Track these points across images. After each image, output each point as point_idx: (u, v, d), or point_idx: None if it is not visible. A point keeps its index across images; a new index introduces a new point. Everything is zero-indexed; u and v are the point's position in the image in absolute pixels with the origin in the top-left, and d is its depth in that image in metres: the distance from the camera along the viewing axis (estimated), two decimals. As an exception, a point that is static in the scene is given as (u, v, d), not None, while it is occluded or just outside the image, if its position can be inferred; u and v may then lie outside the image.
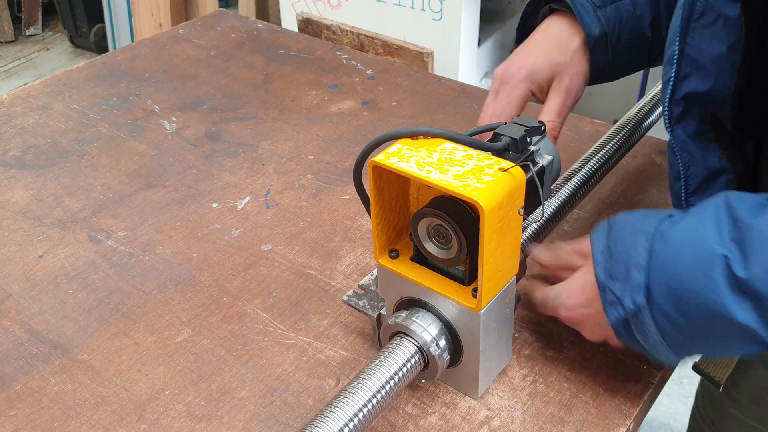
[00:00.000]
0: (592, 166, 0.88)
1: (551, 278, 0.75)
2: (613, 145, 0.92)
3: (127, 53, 1.46)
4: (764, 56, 0.67)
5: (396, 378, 0.65)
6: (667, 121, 0.71)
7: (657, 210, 0.64)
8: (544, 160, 0.69)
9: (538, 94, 0.83)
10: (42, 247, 0.94)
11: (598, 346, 0.78)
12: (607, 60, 0.83)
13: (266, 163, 1.11)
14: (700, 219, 0.58)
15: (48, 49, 3.84)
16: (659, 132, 0.96)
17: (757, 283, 0.53)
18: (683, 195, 0.73)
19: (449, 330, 0.68)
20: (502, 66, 0.82)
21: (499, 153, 0.66)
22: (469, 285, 0.66)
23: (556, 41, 0.82)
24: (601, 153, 0.90)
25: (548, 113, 0.81)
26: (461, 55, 1.86)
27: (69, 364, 0.78)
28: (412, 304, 0.69)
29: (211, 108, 1.26)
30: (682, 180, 0.73)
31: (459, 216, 0.62)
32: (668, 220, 0.60)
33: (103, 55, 1.47)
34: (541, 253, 0.76)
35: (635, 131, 0.96)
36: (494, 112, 0.81)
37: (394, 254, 0.70)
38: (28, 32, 3.94)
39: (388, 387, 0.64)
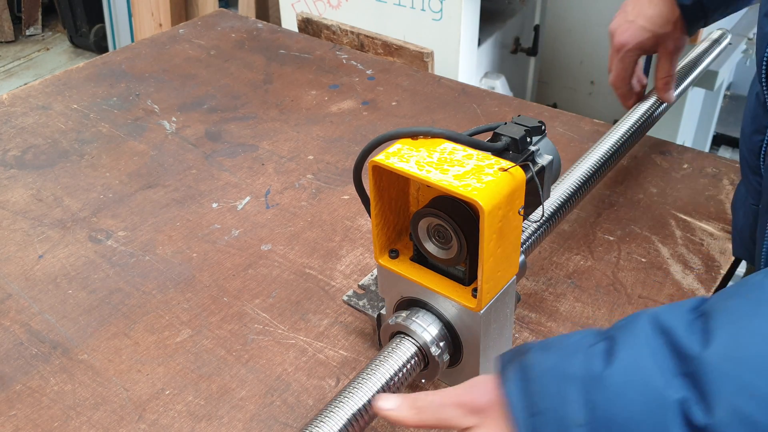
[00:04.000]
0: (592, 166, 0.88)
1: None
2: (613, 145, 0.92)
3: (127, 53, 1.46)
4: None
5: (396, 378, 0.65)
6: (764, 74, 0.72)
7: (570, 336, 0.52)
8: (544, 160, 0.69)
9: (649, 53, 0.98)
10: (42, 247, 0.94)
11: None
12: (704, 18, 0.94)
13: (266, 163, 1.11)
14: (634, 352, 0.48)
15: (48, 49, 3.83)
16: (659, 132, 0.96)
17: (723, 429, 0.43)
18: (764, 149, 0.73)
19: (449, 330, 0.68)
20: (615, 23, 0.97)
21: (499, 153, 0.66)
22: (469, 285, 0.66)
23: (659, 12, 0.93)
24: (601, 153, 0.90)
25: (663, 71, 0.98)
26: (461, 55, 1.86)
27: (69, 364, 0.78)
28: (412, 304, 0.69)
29: (211, 108, 1.26)
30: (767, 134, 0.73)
31: (459, 216, 0.62)
32: (596, 357, 0.49)
33: (103, 55, 1.47)
34: (397, 408, 0.56)
35: (636, 131, 0.96)
36: (618, 76, 0.99)
37: (394, 254, 0.70)
38: (28, 32, 3.94)
39: (388, 387, 0.64)
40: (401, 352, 0.66)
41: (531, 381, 0.51)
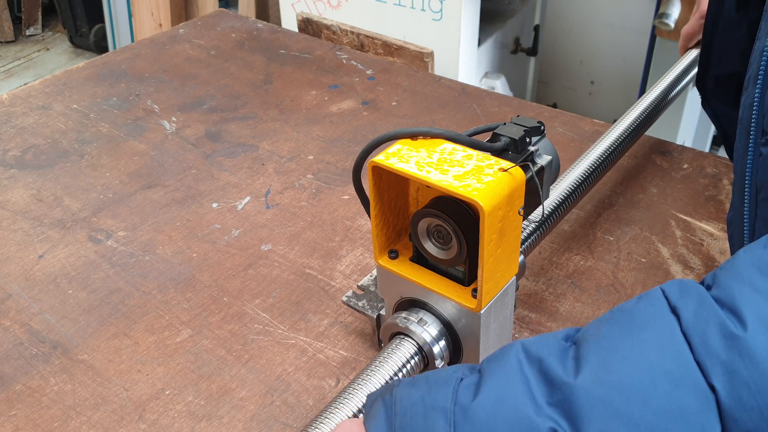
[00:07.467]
0: (592, 166, 0.88)
1: None
2: (612, 144, 0.92)
3: (127, 53, 1.46)
4: None
5: (396, 378, 0.64)
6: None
7: (439, 372, 0.51)
8: (543, 160, 0.69)
9: None
10: (42, 247, 0.94)
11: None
12: None
13: (266, 163, 1.11)
14: (504, 382, 0.47)
15: (48, 49, 3.83)
16: (659, 132, 0.96)
17: None
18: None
19: (449, 330, 0.68)
20: None
21: (499, 153, 0.66)
22: (468, 285, 0.66)
23: None
24: (601, 153, 0.90)
25: None
26: (461, 55, 1.86)
27: (69, 364, 0.78)
28: (411, 304, 0.69)
29: (211, 108, 1.26)
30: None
31: (459, 216, 0.62)
32: (465, 389, 0.48)
33: (103, 55, 1.47)
34: None
35: (635, 131, 0.96)
36: (692, 33, 1.06)
37: (393, 254, 0.70)
38: (28, 32, 3.94)
39: (387, 387, 0.64)
40: (401, 353, 0.66)
41: (396, 415, 0.49)
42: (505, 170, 0.60)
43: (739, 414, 0.41)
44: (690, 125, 2.06)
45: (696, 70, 1.10)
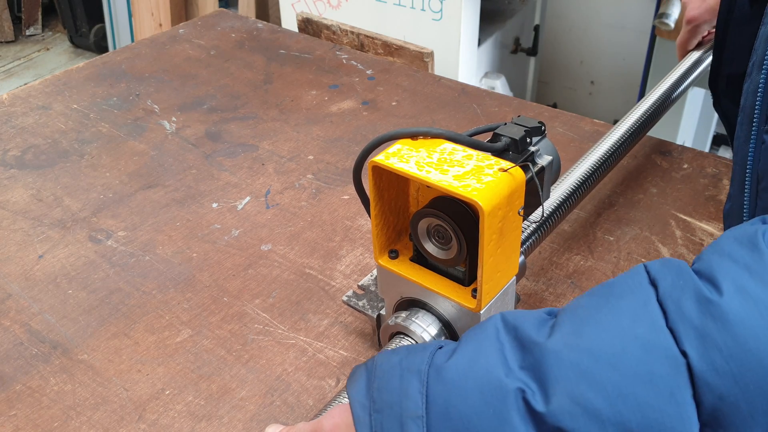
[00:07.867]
0: (592, 166, 0.88)
1: None
2: (613, 146, 0.92)
3: (127, 53, 1.46)
4: None
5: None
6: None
7: (425, 343, 0.52)
8: (543, 160, 0.69)
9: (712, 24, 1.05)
10: (42, 247, 0.94)
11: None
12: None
13: (266, 163, 1.11)
14: (478, 346, 0.48)
15: (48, 49, 3.83)
16: (659, 132, 0.96)
17: (562, 416, 0.42)
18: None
19: (449, 330, 0.68)
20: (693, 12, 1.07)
21: (499, 153, 0.66)
22: (468, 285, 0.66)
23: None
24: (601, 153, 0.90)
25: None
26: (461, 55, 1.86)
27: (69, 364, 0.78)
28: (411, 304, 0.69)
29: (211, 108, 1.26)
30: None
31: (459, 216, 0.62)
32: (441, 354, 0.49)
33: (103, 55, 1.47)
34: None
35: (636, 131, 0.96)
36: (684, 41, 1.10)
37: (393, 254, 0.70)
38: (28, 32, 3.94)
39: (387, 387, 0.64)
40: (401, 353, 0.66)
41: (375, 378, 0.51)
42: (505, 170, 0.60)
43: (711, 378, 0.40)
44: (690, 125, 2.06)
45: (698, 71, 1.11)
